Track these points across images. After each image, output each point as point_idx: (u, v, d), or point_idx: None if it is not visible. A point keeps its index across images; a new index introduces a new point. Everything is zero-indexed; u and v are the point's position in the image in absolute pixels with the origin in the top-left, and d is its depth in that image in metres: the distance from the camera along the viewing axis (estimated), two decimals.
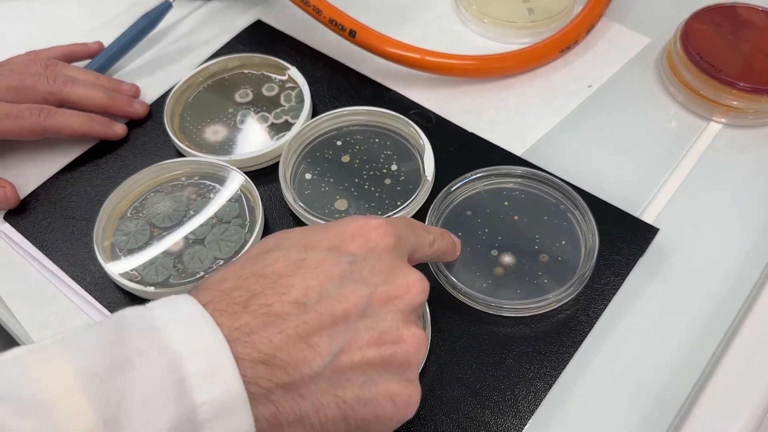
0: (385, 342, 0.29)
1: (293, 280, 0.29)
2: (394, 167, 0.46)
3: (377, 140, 0.47)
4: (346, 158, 0.47)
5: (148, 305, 0.28)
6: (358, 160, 0.47)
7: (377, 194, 0.45)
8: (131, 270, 0.42)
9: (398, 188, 0.45)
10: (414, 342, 0.30)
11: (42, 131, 0.47)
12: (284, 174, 0.45)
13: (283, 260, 0.29)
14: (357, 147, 0.47)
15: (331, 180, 0.46)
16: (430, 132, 0.46)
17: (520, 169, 0.44)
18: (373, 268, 0.30)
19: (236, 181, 0.45)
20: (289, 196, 0.44)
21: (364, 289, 0.29)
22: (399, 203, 0.44)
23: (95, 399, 0.24)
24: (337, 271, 0.29)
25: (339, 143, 0.47)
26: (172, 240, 0.43)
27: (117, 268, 0.42)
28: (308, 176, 0.46)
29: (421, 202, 0.44)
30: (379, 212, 0.44)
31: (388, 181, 0.45)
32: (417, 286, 0.31)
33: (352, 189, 0.45)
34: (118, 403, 0.24)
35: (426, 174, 0.44)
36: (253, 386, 0.26)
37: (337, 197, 0.45)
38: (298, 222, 0.45)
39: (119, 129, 0.50)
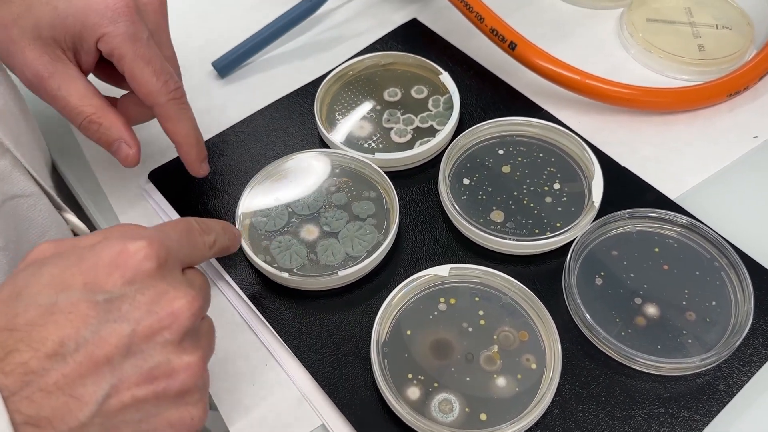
0: (156, 377, 0.29)
1: (47, 330, 0.27)
2: (556, 186, 0.44)
3: (541, 155, 0.46)
4: (506, 168, 0.45)
5: None
6: (519, 172, 0.45)
7: (536, 211, 0.43)
8: (266, 253, 0.42)
9: (559, 209, 0.43)
10: (189, 371, 0.29)
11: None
12: (444, 174, 0.44)
13: (34, 308, 0.27)
14: (519, 159, 0.46)
15: (489, 189, 0.44)
16: None
17: (684, 219, 0.41)
18: (134, 301, 0.29)
19: (376, 180, 0.45)
20: (445, 194, 0.43)
21: (125, 327, 0.28)
22: (558, 225, 0.42)
23: None
24: (93, 313, 0.28)
25: (501, 152, 0.46)
26: (308, 229, 0.43)
27: (253, 248, 0.42)
28: (466, 181, 0.45)
29: (584, 228, 0.41)
30: (537, 231, 0.42)
31: (548, 199, 0.44)
32: (185, 312, 0.30)
33: (510, 202, 0.44)
34: None
35: (593, 199, 0.42)
36: None
37: (494, 208, 0.44)
38: (439, 232, 0.44)
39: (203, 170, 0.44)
